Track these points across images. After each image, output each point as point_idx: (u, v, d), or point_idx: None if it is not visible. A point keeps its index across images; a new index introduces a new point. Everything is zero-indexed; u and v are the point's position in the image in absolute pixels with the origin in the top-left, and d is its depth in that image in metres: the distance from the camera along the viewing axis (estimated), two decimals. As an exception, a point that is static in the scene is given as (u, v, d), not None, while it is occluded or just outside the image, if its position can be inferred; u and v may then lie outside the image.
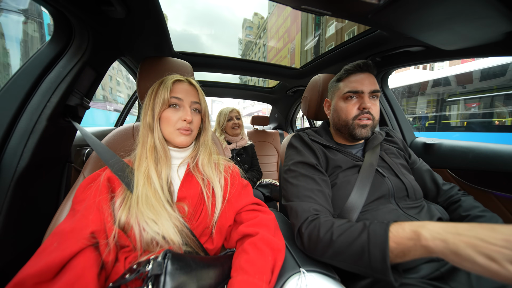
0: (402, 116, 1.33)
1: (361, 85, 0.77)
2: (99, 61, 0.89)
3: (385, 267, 0.46)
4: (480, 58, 4.00)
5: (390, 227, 0.49)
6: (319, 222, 0.59)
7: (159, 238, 0.50)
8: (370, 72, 0.79)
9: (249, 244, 0.54)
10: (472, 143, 1.02)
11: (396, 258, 0.47)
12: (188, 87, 0.65)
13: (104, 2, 0.67)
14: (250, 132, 2.49)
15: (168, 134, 0.63)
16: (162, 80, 0.65)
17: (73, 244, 0.43)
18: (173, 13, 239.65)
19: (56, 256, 0.41)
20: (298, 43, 23.87)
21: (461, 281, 0.57)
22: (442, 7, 0.59)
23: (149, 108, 0.62)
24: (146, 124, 0.62)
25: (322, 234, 0.56)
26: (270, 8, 35.84)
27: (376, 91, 0.77)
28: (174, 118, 0.62)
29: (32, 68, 0.72)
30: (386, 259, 0.46)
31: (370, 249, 0.48)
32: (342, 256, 0.53)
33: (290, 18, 26.86)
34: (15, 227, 0.69)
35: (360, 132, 0.78)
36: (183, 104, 0.63)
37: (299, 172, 0.74)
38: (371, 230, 0.51)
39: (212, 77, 3.63)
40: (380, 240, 0.48)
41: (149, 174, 0.57)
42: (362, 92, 0.76)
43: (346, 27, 16.86)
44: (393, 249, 0.46)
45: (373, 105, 0.77)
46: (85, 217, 0.49)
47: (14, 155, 0.66)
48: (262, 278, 0.47)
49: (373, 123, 0.78)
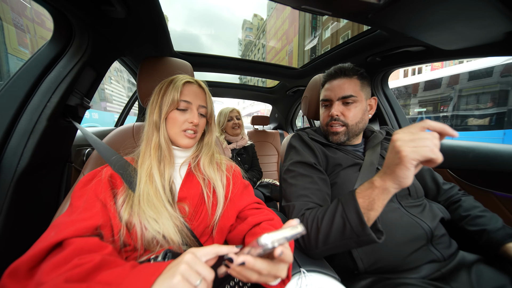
0: (402, 116, 1.33)
1: (330, 92, 0.80)
2: (99, 61, 0.89)
3: (363, 225, 0.51)
4: (475, 59, 4.18)
5: (355, 189, 0.55)
6: (306, 216, 0.62)
7: (159, 237, 0.50)
8: (346, 77, 0.78)
9: (268, 224, 0.58)
10: (472, 143, 1.02)
11: (369, 212, 0.51)
12: (197, 89, 0.66)
13: (104, 2, 0.67)
14: (250, 132, 2.49)
15: (173, 134, 0.63)
16: (172, 80, 0.64)
17: (72, 231, 0.41)
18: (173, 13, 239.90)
19: (51, 240, 0.39)
20: (296, 45, 24.20)
21: (462, 281, 0.58)
22: (442, 7, 0.59)
23: (157, 106, 0.62)
24: (152, 121, 0.62)
25: (309, 224, 0.60)
26: (269, 10, 36.17)
27: (348, 96, 0.76)
28: (180, 120, 0.62)
29: (32, 68, 0.72)
30: (361, 216, 0.51)
31: (347, 214, 0.54)
32: (331, 236, 0.56)
33: (288, 21, 27.07)
34: (15, 227, 0.68)
35: (332, 138, 0.82)
36: (191, 107, 0.63)
37: (297, 171, 0.74)
38: (343, 200, 0.57)
39: (212, 77, 3.63)
40: (351, 202, 0.54)
41: (151, 172, 0.57)
42: (331, 99, 0.80)
43: (341, 30, 17.86)
44: (362, 203, 0.52)
45: (346, 110, 0.78)
46: (87, 210, 0.47)
47: (14, 155, 0.66)
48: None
49: (347, 129, 0.79)
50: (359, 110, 0.78)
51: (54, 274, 0.34)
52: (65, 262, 0.36)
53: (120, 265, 0.38)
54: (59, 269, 0.35)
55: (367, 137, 0.87)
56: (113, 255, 0.42)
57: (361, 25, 7.91)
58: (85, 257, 0.37)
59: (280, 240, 0.34)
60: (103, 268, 0.36)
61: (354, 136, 0.82)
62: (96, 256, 0.37)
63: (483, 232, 0.69)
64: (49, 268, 0.36)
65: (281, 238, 0.34)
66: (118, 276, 0.35)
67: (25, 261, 0.37)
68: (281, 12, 29.58)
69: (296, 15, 24.20)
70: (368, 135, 0.88)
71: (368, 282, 0.61)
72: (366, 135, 0.89)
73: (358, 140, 0.86)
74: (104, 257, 0.38)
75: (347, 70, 0.79)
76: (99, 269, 0.36)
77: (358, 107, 0.78)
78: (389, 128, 1.00)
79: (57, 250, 0.40)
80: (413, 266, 0.61)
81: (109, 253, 0.41)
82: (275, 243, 0.34)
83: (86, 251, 0.39)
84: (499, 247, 0.64)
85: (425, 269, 0.61)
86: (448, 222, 0.75)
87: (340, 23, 17.28)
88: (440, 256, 0.63)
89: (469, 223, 0.73)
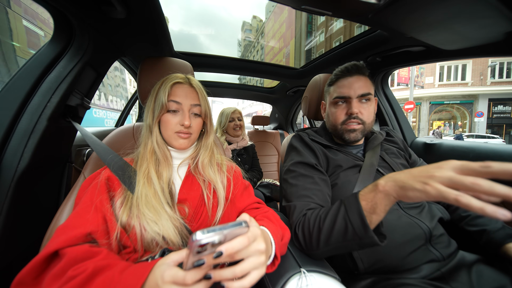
0: (402, 116, 1.33)
1: (348, 89, 0.76)
2: (100, 61, 0.89)
3: (366, 228, 0.50)
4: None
5: (359, 192, 0.54)
6: (308, 216, 0.62)
7: (159, 239, 0.50)
8: (361, 74, 0.77)
9: (262, 216, 0.59)
10: (473, 143, 1.02)
11: (371, 215, 0.50)
12: (188, 89, 0.63)
13: (104, 3, 0.67)
14: (251, 132, 2.48)
15: (167, 137, 0.63)
16: (163, 81, 0.64)
17: (61, 242, 0.43)
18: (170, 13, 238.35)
19: (45, 251, 0.42)
20: (292, 48, 24.62)
21: (462, 281, 0.58)
22: (442, 7, 0.59)
23: (150, 110, 0.62)
24: (147, 125, 0.63)
25: (311, 225, 0.59)
26: (267, 13, 36.55)
27: (366, 94, 0.75)
28: (173, 122, 0.61)
29: (32, 68, 0.72)
30: (364, 219, 0.50)
31: (350, 216, 0.52)
32: (332, 237, 0.55)
33: (286, 24, 27.38)
34: (16, 227, 0.68)
35: (348, 136, 0.78)
36: (181, 108, 0.62)
37: (298, 172, 0.74)
38: (345, 201, 0.56)
39: (212, 77, 3.63)
40: (354, 204, 0.53)
41: (149, 175, 0.57)
42: (350, 97, 0.76)
43: (334, 35, 18.66)
44: (365, 206, 0.51)
45: (363, 108, 0.76)
46: (80, 216, 0.48)
47: (14, 155, 0.66)
48: (278, 230, 0.54)
49: (364, 126, 0.77)
50: (372, 108, 0.78)
51: (54, 287, 0.37)
52: (62, 274, 0.38)
53: (113, 267, 0.40)
54: (57, 281, 0.38)
55: (367, 138, 0.87)
56: (107, 258, 0.43)
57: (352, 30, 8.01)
58: (79, 267, 0.39)
59: (216, 234, 0.29)
60: (96, 276, 0.38)
61: (365, 135, 0.81)
62: (89, 264, 0.39)
63: (483, 232, 0.69)
64: (49, 280, 0.38)
65: (217, 232, 0.30)
66: (110, 282, 0.37)
67: (27, 271, 0.40)
68: (279, 15, 29.92)
69: (293, 19, 24.63)
70: (368, 136, 0.87)
71: (368, 282, 0.61)
72: (366, 136, 0.88)
73: (361, 141, 0.86)
74: (96, 264, 0.39)
75: (362, 68, 0.77)
76: (92, 278, 0.37)
77: (372, 106, 0.78)
78: (389, 128, 1.00)
79: (56, 259, 0.42)
80: (413, 266, 0.61)
81: (102, 257, 0.42)
82: (211, 238, 0.29)
83: (79, 260, 0.40)
84: (499, 247, 0.64)
85: (425, 269, 0.61)
86: (448, 222, 0.75)
87: (333, 29, 17.98)
88: (439, 256, 0.63)
89: (469, 223, 0.73)
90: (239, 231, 0.32)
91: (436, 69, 15.68)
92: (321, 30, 20.27)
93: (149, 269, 0.36)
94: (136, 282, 0.35)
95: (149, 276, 0.36)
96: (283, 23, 28.66)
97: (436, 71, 15.76)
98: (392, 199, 0.47)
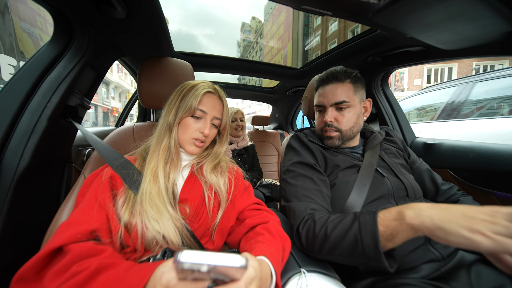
0: (402, 116, 1.33)
1: (323, 98, 0.79)
2: (100, 61, 0.89)
3: (378, 253, 0.47)
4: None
5: (378, 212, 0.50)
6: (314, 219, 0.60)
7: (159, 238, 0.51)
8: (338, 82, 0.77)
9: (262, 228, 0.57)
10: (473, 143, 1.02)
11: (387, 242, 0.47)
12: (216, 100, 0.65)
13: (104, 3, 0.67)
14: (251, 132, 2.48)
15: (183, 140, 0.63)
16: (194, 86, 0.64)
17: (66, 238, 0.42)
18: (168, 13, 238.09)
19: (49, 247, 0.41)
20: (290, 50, 24.89)
21: (462, 281, 0.57)
22: (442, 7, 0.59)
23: (174, 108, 0.62)
24: (166, 122, 0.63)
25: (317, 230, 0.58)
26: (265, 15, 36.82)
27: (341, 102, 0.76)
28: (193, 127, 0.62)
29: (32, 68, 0.72)
30: (378, 244, 0.47)
31: (362, 236, 0.49)
32: (338, 249, 0.54)
33: (283, 26, 27.60)
34: (16, 227, 0.69)
35: (327, 142, 0.82)
36: (205, 116, 0.63)
37: (297, 172, 0.74)
38: (361, 219, 0.52)
39: (212, 77, 3.64)
40: (370, 226, 0.49)
41: (157, 172, 0.57)
42: (324, 105, 0.79)
43: (329, 38, 19.05)
44: (383, 232, 0.47)
45: (340, 116, 0.77)
46: (85, 213, 0.48)
47: (14, 155, 0.66)
48: (279, 252, 0.51)
49: (341, 134, 0.78)
50: (352, 114, 0.78)
51: (57, 283, 0.37)
52: (65, 269, 0.38)
53: (117, 266, 0.40)
54: (60, 276, 0.38)
55: (366, 138, 0.87)
56: (112, 257, 0.43)
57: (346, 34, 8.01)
58: (83, 264, 0.39)
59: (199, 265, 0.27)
60: (100, 272, 0.38)
61: (349, 140, 0.81)
62: (94, 261, 0.39)
63: None
64: (52, 275, 0.38)
65: (201, 263, 0.27)
66: (115, 280, 0.37)
67: (30, 267, 0.40)
68: (277, 17, 30.14)
69: (290, 21, 24.91)
70: (367, 135, 0.87)
71: (368, 282, 0.61)
72: (365, 136, 0.88)
73: (355, 143, 0.86)
74: (101, 261, 0.39)
75: (339, 74, 0.77)
76: (96, 275, 0.37)
77: (351, 112, 0.77)
78: (389, 128, 1.00)
79: (60, 255, 0.42)
80: (412, 265, 0.61)
81: (107, 255, 0.42)
82: (196, 266, 0.27)
83: (84, 256, 0.40)
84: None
85: (425, 269, 0.61)
86: None
87: (329, 32, 18.32)
88: (439, 256, 0.63)
89: None
90: (233, 271, 0.31)
91: (424, 72, 15.53)
92: (317, 33, 20.79)
93: (153, 269, 0.37)
94: (140, 281, 0.36)
95: (152, 276, 0.36)
96: (281, 25, 28.92)
97: (424, 73, 15.62)
98: (419, 234, 0.43)
